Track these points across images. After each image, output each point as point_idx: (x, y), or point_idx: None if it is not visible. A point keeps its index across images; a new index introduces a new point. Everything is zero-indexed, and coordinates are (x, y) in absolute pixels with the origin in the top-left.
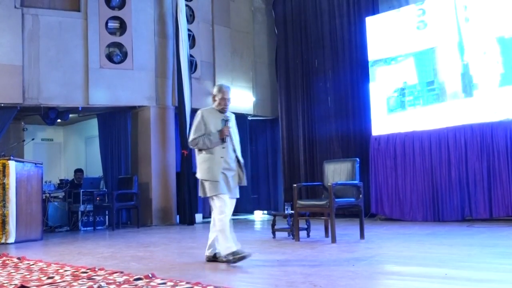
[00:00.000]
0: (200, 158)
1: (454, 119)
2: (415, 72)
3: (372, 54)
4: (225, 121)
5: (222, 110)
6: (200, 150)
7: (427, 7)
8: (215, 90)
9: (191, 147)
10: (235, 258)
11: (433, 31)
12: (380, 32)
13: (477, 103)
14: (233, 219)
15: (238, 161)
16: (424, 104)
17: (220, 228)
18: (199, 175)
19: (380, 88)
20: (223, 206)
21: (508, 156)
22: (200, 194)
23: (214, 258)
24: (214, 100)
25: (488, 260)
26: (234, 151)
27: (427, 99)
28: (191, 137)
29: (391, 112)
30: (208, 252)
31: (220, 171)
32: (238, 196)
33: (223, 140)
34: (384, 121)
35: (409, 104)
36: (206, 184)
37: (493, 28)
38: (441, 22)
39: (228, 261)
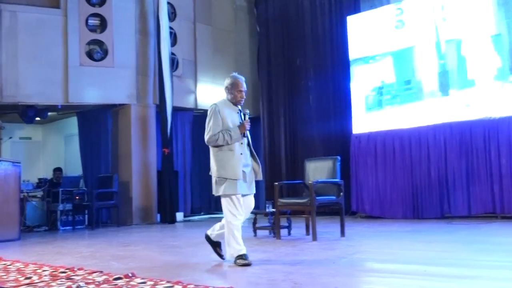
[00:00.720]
0: (218, 155)
1: (431, 118)
2: (393, 71)
3: (351, 53)
4: (244, 114)
5: (237, 103)
6: (216, 146)
7: (405, 7)
8: (229, 82)
9: (209, 144)
10: (241, 262)
11: (411, 31)
12: (359, 31)
13: (453, 102)
14: (213, 217)
15: (252, 154)
16: (402, 103)
17: (231, 231)
18: (217, 173)
19: (359, 87)
20: (235, 209)
21: (486, 155)
22: (215, 192)
23: (210, 243)
24: (230, 93)
25: (467, 257)
26: (249, 144)
27: (404, 98)
28: (210, 133)
29: (369, 111)
30: (210, 231)
31: (241, 168)
32: (255, 191)
33: (243, 135)
34: (364, 120)
35: (387, 103)
36: (224, 182)
37: (469, 28)
38: (419, 22)
39: (235, 263)
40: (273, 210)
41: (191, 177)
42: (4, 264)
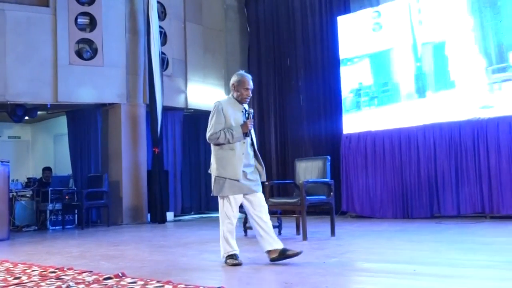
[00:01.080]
0: (219, 154)
1: (409, 119)
2: (370, 73)
3: (344, 54)
4: (248, 113)
5: (243, 101)
6: (218, 145)
7: (382, 10)
8: (236, 79)
9: (209, 141)
10: (231, 262)
11: (388, 33)
12: (351, 32)
13: (430, 104)
14: (204, 217)
15: (256, 155)
16: (379, 105)
17: (224, 232)
18: (216, 172)
19: (351, 83)
20: (231, 210)
21: (475, 155)
22: (214, 192)
23: (283, 257)
24: (236, 91)
25: (456, 256)
26: (252, 145)
27: (381, 100)
28: (211, 131)
29: (347, 113)
30: (268, 254)
31: (241, 168)
32: (261, 190)
33: (245, 135)
34: (354, 120)
35: (364, 104)
36: (224, 182)
37: (445, 32)
38: (396, 25)
39: (226, 263)
40: None
41: (181, 176)
42: None
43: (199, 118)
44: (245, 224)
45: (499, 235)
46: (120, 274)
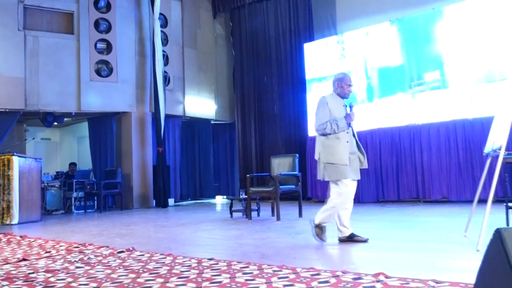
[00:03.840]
0: (325, 143)
1: (360, 124)
2: None
3: (309, 73)
4: (350, 107)
5: (345, 96)
6: (323, 135)
7: (341, 39)
8: (339, 77)
9: (317, 132)
10: (318, 233)
11: (349, 59)
12: (315, 56)
13: (377, 108)
14: (198, 202)
15: (358, 144)
16: None
17: (331, 210)
18: (324, 158)
19: (315, 97)
20: (343, 192)
21: (411, 153)
22: (322, 177)
23: (349, 239)
24: (339, 87)
25: (397, 232)
26: (354, 135)
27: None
28: (318, 122)
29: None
30: (340, 234)
31: (347, 155)
32: (359, 177)
33: (349, 125)
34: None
35: None
36: (332, 167)
37: (386, 58)
38: (353, 52)
39: (313, 227)
40: (246, 196)
41: (180, 170)
42: (28, 240)
43: (194, 123)
44: (230, 208)
45: (430, 216)
46: (131, 248)
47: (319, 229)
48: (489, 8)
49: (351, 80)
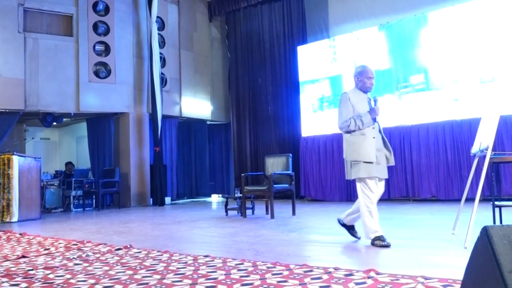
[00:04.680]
0: (350, 140)
1: None
2: (329, 88)
3: (302, 75)
4: (375, 101)
5: (367, 90)
6: (348, 132)
7: (333, 43)
8: (359, 70)
9: (341, 130)
10: (379, 243)
11: (340, 62)
12: (308, 59)
13: None
14: (194, 201)
15: (384, 140)
16: (335, 107)
17: (366, 214)
18: (351, 157)
19: (308, 98)
20: (370, 191)
21: (401, 153)
22: (350, 176)
23: (346, 228)
24: (359, 81)
25: (387, 230)
26: (380, 131)
27: (336, 104)
28: (342, 119)
29: (315, 112)
30: (343, 217)
31: (374, 152)
32: (387, 176)
33: (374, 120)
34: (310, 125)
35: (326, 107)
36: (358, 165)
37: (369, 61)
38: (345, 56)
39: (373, 244)
40: (241, 195)
41: (176, 169)
42: (28, 238)
43: (190, 124)
44: (226, 206)
45: (419, 214)
46: (128, 246)
47: (379, 240)
48: (470, 13)
49: (372, 72)
